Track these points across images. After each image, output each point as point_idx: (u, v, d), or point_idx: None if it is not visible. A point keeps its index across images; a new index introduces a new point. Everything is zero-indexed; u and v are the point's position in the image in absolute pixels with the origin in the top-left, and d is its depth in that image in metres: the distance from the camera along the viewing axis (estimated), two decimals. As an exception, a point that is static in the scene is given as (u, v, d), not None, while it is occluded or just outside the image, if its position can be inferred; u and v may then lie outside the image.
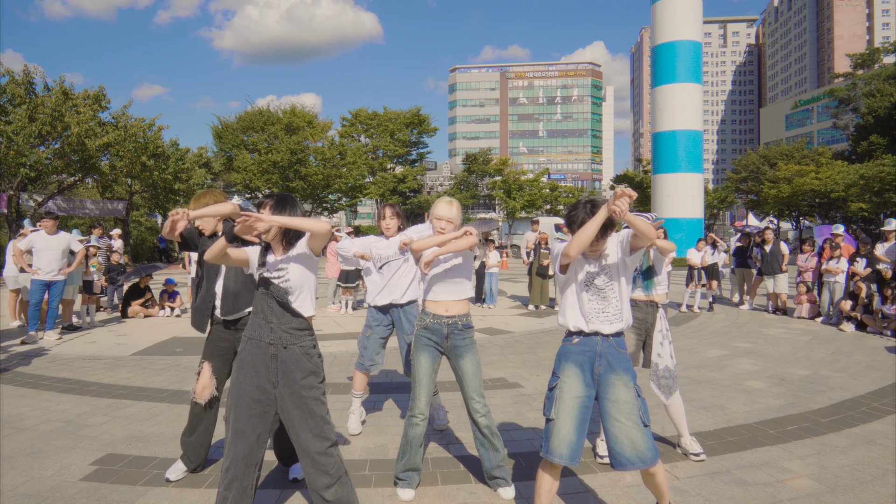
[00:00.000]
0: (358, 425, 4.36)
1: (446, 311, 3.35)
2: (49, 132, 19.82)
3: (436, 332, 3.34)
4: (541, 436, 4.27)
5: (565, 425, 2.64)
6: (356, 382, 4.40)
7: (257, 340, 2.64)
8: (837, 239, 9.94)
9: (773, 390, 5.62)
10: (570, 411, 2.66)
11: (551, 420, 2.69)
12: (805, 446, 4.16)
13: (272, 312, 2.63)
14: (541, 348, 7.68)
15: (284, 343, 2.62)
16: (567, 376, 2.71)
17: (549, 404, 2.74)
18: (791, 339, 8.34)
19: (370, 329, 4.33)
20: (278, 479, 3.54)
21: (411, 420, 3.31)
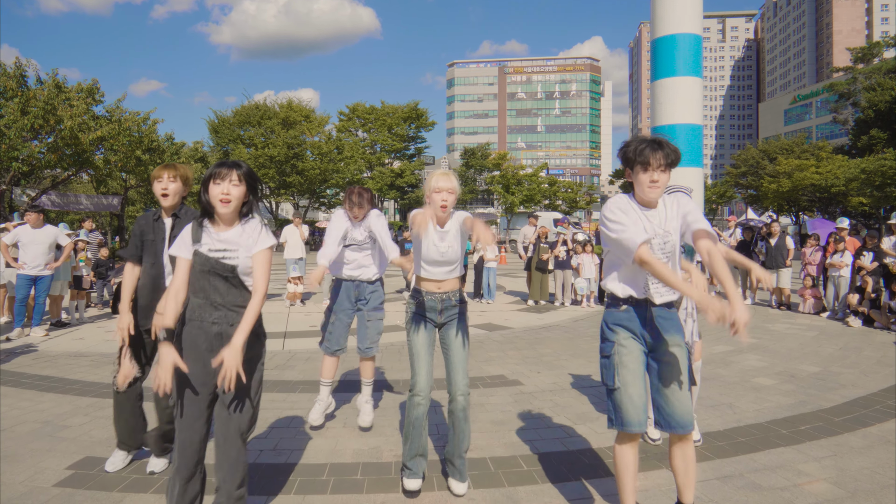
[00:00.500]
0: (320, 416, 4.15)
1: (439, 287, 3.24)
2: (42, 126, 19.50)
3: (430, 309, 3.23)
4: (543, 436, 4.08)
5: (636, 390, 2.49)
6: (325, 368, 4.20)
7: (199, 321, 2.47)
8: (842, 233, 9.73)
9: (782, 387, 5.42)
10: (638, 373, 2.52)
11: (617, 389, 2.51)
12: (820, 447, 3.96)
13: (215, 291, 2.46)
14: (541, 344, 7.48)
15: (231, 321, 2.47)
16: (624, 339, 2.55)
17: (609, 372, 2.56)
18: (797, 334, 8.15)
19: (335, 314, 4.19)
20: (264, 485, 3.33)
21: (412, 400, 3.14)
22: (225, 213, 2.46)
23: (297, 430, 4.20)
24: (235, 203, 2.46)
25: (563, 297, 11.28)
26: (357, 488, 3.30)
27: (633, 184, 2.53)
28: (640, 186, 2.48)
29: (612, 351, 2.56)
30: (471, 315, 9.71)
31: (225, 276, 2.46)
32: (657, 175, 2.43)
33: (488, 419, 4.47)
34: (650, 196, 2.47)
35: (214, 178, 2.43)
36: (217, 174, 2.43)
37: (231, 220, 2.51)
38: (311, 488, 3.29)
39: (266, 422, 4.38)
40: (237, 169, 2.46)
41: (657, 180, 2.43)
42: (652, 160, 2.42)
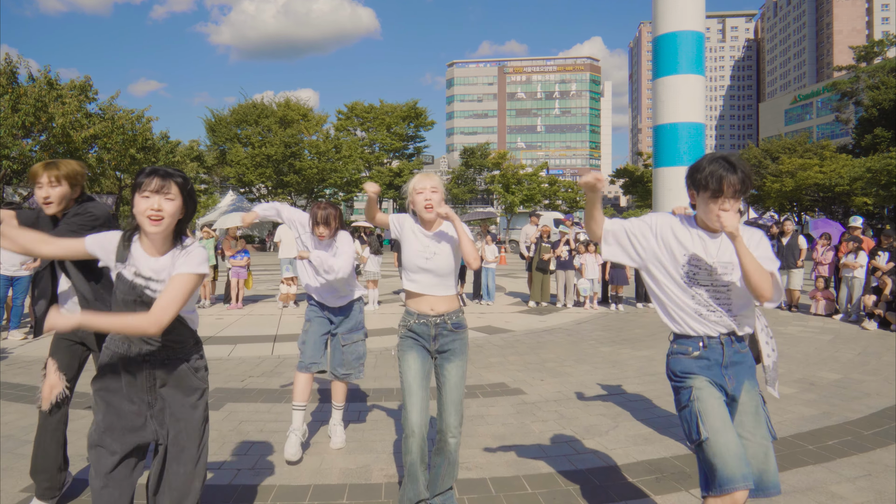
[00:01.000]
0: (297, 450, 3.56)
1: (431, 309, 2.81)
2: (33, 123, 19.16)
3: (422, 334, 2.82)
4: (549, 453, 3.72)
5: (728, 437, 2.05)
6: (297, 390, 3.68)
7: (123, 356, 2.04)
8: (855, 232, 9.38)
9: (803, 396, 5.06)
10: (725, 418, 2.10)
11: (705, 441, 2.07)
12: (852, 465, 3.61)
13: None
14: (543, 349, 7.12)
15: (165, 359, 2.07)
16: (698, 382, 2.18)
17: (693, 422, 2.13)
18: (812, 338, 7.80)
19: (310, 323, 3.77)
20: (238, 512, 2.97)
21: (406, 442, 2.74)
22: (154, 234, 1.99)
23: (280, 446, 3.83)
24: (168, 221, 1.99)
25: (566, 299, 10.92)
26: (341, 515, 2.94)
27: (698, 206, 2.19)
28: (709, 215, 2.13)
29: (691, 397, 2.17)
30: (469, 317, 9.36)
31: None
32: (729, 204, 2.09)
33: (488, 433, 4.11)
34: (716, 226, 2.12)
35: (141, 190, 1.96)
36: (145, 184, 1.96)
37: (163, 242, 2.05)
38: (289, 515, 2.93)
39: (246, 436, 4.02)
40: (172, 179, 2.00)
41: (728, 210, 2.09)
42: (726, 187, 2.07)
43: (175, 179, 2.00)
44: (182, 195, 2.02)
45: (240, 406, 4.70)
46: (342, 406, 3.86)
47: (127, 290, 2.01)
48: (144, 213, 1.94)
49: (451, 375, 2.81)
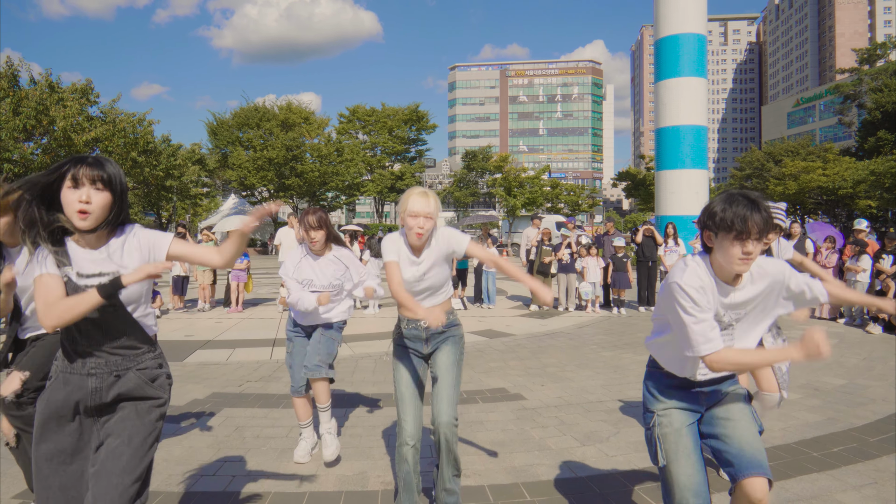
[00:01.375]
0: (306, 455, 3.64)
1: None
2: (35, 126, 19.18)
3: (414, 339, 2.79)
4: (548, 460, 3.65)
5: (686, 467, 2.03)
6: (299, 413, 3.68)
7: (66, 373, 1.85)
8: (860, 235, 9.30)
9: (807, 402, 5.00)
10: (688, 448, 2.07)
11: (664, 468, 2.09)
12: (858, 473, 3.54)
13: (95, 329, 1.85)
14: (544, 353, 7.06)
15: (115, 369, 1.88)
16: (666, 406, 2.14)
17: (652, 448, 2.15)
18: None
19: (292, 343, 3.69)
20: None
21: (400, 451, 2.71)
22: (84, 228, 1.80)
23: (276, 452, 3.79)
24: (98, 214, 1.80)
25: (567, 302, 10.86)
26: (337, 524, 2.89)
27: (716, 251, 1.98)
28: (730, 259, 1.92)
29: (652, 422, 2.14)
30: (470, 321, 9.30)
31: (102, 310, 1.83)
32: (752, 246, 1.89)
33: (487, 439, 4.05)
34: (739, 270, 1.93)
35: (67, 180, 1.77)
36: (71, 175, 1.76)
37: (97, 236, 1.87)
38: (284, 524, 2.88)
39: (243, 441, 3.97)
40: (100, 169, 1.80)
41: (751, 252, 1.89)
42: (752, 228, 1.86)
43: (101, 170, 1.81)
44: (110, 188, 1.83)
45: (237, 411, 4.65)
46: (328, 407, 3.63)
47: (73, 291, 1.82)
48: (73, 206, 1.76)
49: (442, 362, 2.76)
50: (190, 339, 7.79)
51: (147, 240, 1.93)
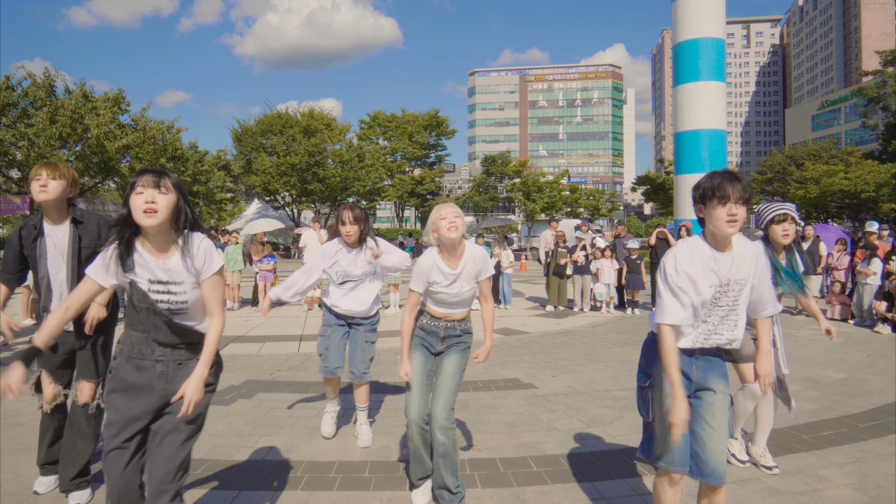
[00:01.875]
0: (332, 428, 4.01)
1: (446, 315, 3.09)
2: (69, 134, 20.00)
3: (431, 333, 3.09)
4: (555, 438, 4.00)
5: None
6: (329, 389, 4.02)
7: (138, 359, 2.16)
8: (871, 237, 9.46)
9: (805, 393, 5.26)
10: None
11: (649, 422, 2.42)
12: (843, 453, 3.82)
13: (157, 329, 2.15)
14: (557, 349, 7.38)
15: (179, 359, 2.20)
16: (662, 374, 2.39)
17: (643, 404, 2.45)
18: (823, 341, 7.93)
19: (329, 328, 3.94)
20: (272, 482, 3.31)
21: (408, 430, 3.04)
22: (151, 227, 2.03)
23: (307, 430, 4.19)
24: (164, 214, 2.04)
25: (583, 303, 11.15)
26: (364, 485, 3.27)
27: (706, 221, 2.33)
28: (718, 222, 2.27)
29: (647, 383, 2.46)
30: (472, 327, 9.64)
31: (168, 318, 2.13)
32: (735, 208, 2.24)
33: (500, 421, 4.41)
34: (728, 231, 2.26)
35: (135, 188, 2.04)
36: (139, 182, 2.04)
37: (164, 239, 2.11)
38: (318, 485, 3.27)
39: (276, 420, 4.38)
40: (163, 176, 2.08)
41: (735, 213, 2.24)
42: (731, 192, 2.24)
43: (168, 178, 2.09)
44: (176, 191, 2.09)
45: (270, 395, 5.07)
46: (366, 406, 4.03)
47: (141, 298, 2.10)
48: (140, 208, 2.00)
49: (447, 367, 3.05)
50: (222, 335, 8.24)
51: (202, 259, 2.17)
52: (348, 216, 3.73)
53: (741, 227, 2.32)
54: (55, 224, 2.99)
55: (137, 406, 2.14)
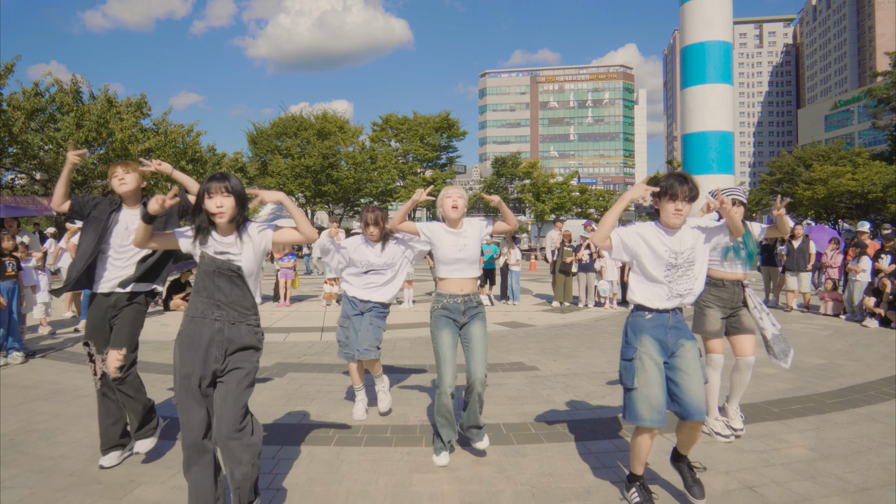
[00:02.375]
0: (363, 413, 4.41)
1: (461, 290, 3.61)
2: (95, 138, 20.84)
3: (454, 310, 3.59)
4: (552, 408, 4.57)
5: (653, 391, 2.87)
6: (353, 376, 4.43)
7: (201, 318, 2.66)
8: (863, 237, 9.91)
9: (783, 376, 5.77)
10: (655, 378, 2.90)
11: (634, 389, 2.90)
12: (807, 423, 4.35)
13: (219, 291, 2.67)
14: (561, 339, 7.93)
15: (232, 319, 2.67)
16: (645, 346, 2.94)
17: (629, 374, 2.95)
18: (811, 332, 8.41)
19: (348, 320, 4.38)
20: (308, 439, 3.90)
21: (441, 398, 3.47)
22: (221, 224, 2.68)
23: (334, 402, 4.79)
24: (229, 213, 2.65)
25: (587, 299, 11.67)
26: (386, 442, 3.85)
27: (660, 212, 2.96)
28: (666, 214, 2.90)
29: (633, 355, 2.97)
30: (496, 314, 10.22)
31: (230, 277, 2.66)
32: (681, 205, 2.86)
33: (504, 395, 4.98)
34: (673, 222, 2.90)
35: (208, 194, 2.64)
36: (209, 190, 2.63)
37: (229, 227, 2.73)
38: (347, 442, 3.86)
39: (308, 396, 4.98)
40: (226, 181, 2.66)
41: (681, 209, 2.87)
42: (679, 192, 2.85)
43: (227, 182, 2.67)
44: (234, 193, 2.67)
45: (299, 374, 5.68)
46: (380, 376, 4.52)
47: (209, 262, 2.67)
48: (212, 210, 2.64)
49: (475, 333, 3.61)
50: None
51: (256, 233, 2.79)
52: (371, 218, 4.28)
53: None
54: (131, 208, 3.63)
55: (199, 359, 2.62)
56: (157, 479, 3.30)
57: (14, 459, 3.57)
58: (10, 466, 3.45)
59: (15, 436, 3.98)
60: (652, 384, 2.87)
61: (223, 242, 2.72)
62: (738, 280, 4.18)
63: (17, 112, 19.09)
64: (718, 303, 4.14)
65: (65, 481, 3.27)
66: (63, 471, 3.41)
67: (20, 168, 22.14)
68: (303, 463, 3.52)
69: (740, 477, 3.37)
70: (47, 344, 7.36)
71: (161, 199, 2.64)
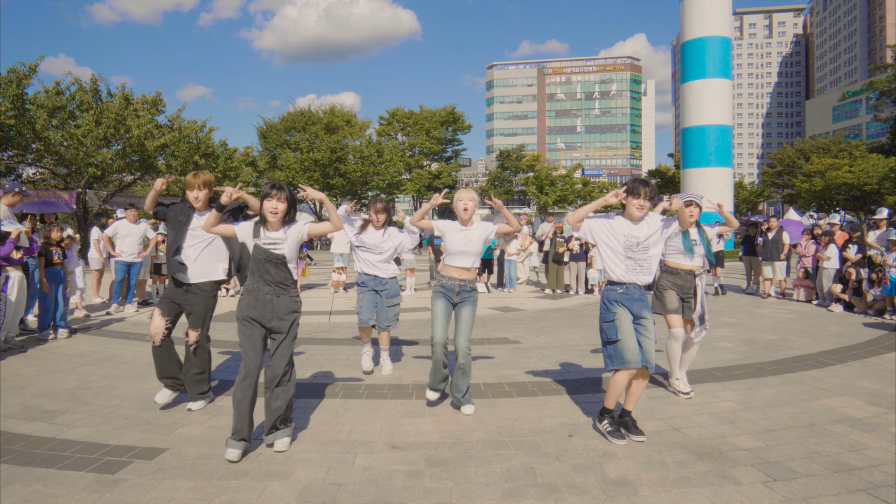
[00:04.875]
0: (370, 364, 5.39)
1: (459, 275, 4.37)
2: (113, 135, 21.73)
3: (449, 289, 4.36)
4: (526, 372, 5.35)
5: (631, 341, 3.70)
6: (363, 335, 5.44)
7: (256, 292, 3.55)
8: (834, 228, 10.62)
9: (737, 349, 6.53)
10: (631, 331, 3.74)
11: (618, 341, 3.72)
12: (741, 384, 5.11)
13: (268, 273, 3.53)
14: (546, 321, 8.72)
15: (278, 293, 3.55)
16: (619, 310, 3.79)
17: (612, 330, 3.77)
18: (778, 316, 9.15)
19: (363, 295, 5.33)
20: (317, 392, 4.72)
21: (433, 348, 4.28)
22: (273, 222, 3.53)
23: (341, 366, 5.61)
24: (281, 215, 3.52)
25: (577, 287, 12.44)
26: (384, 396, 4.67)
27: (626, 206, 3.83)
28: (631, 208, 3.79)
29: (612, 318, 3.81)
30: (491, 300, 11.02)
31: (276, 263, 3.50)
32: (642, 202, 3.77)
33: (487, 363, 5.79)
34: (636, 215, 3.80)
35: (267, 197, 3.52)
36: (269, 194, 3.52)
37: (277, 225, 3.57)
38: (351, 395, 4.68)
39: (318, 363, 5.81)
40: (282, 191, 3.52)
41: (643, 206, 3.77)
42: (641, 192, 3.76)
43: (283, 192, 3.52)
44: (287, 200, 3.55)
45: (310, 346, 6.52)
46: (387, 347, 5.50)
47: (260, 252, 3.53)
48: (268, 210, 3.50)
49: (465, 314, 4.38)
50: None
51: (296, 228, 3.70)
52: (378, 207, 5.30)
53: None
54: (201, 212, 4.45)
55: (256, 324, 3.53)
56: (197, 421, 4.12)
57: (78, 408, 4.40)
58: (75, 413, 4.28)
59: (75, 391, 4.82)
60: (630, 336, 3.73)
61: (270, 237, 3.56)
62: (691, 270, 4.94)
63: (39, 110, 20.01)
64: (674, 287, 4.92)
65: (122, 423, 4.09)
66: (119, 416, 4.23)
67: (42, 164, 23.10)
68: (314, 410, 4.34)
69: (671, 422, 4.15)
70: (85, 324, 8.23)
71: (230, 192, 3.68)
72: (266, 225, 3.58)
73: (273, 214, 3.52)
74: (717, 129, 28.30)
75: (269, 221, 3.55)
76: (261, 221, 3.60)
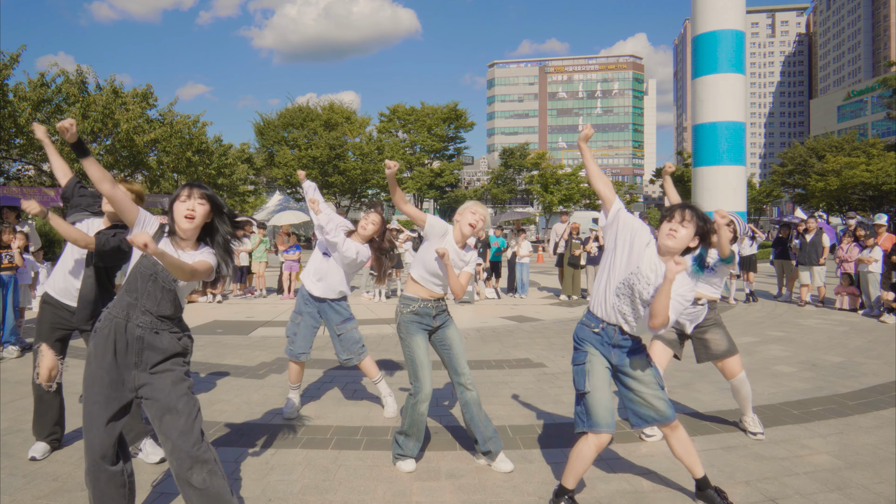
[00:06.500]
0: (294, 411, 4.20)
1: (431, 295, 3.40)
2: (101, 129, 20.73)
3: (425, 315, 3.39)
4: (559, 410, 4.37)
5: (604, 396, 2.73)
6: (291, 374, 4.24)
7: (123, 320, 2.38)
8: (879, 229, 9.64)
9: (801, 374, 5.55)
10: (605, 382, 2.77)
11: (587, 393, 2.75)
12: (828, 426, 4.13)
13: (149, 297, 2.38)
14: (568, 333, 7.72)
15: (156, 329, 2.40)
16: (595, 352, 2.82)
17: (582, 378, 2.79)
18: (828, 328, 8.17)
19: (300, 315, 4.22)
20: (307, 442, 3.73)
21: (419, 407, 3.29)
22: (188, 230, 2.43)
23: (334, 400, 4.62)
24: (198, 221, 2.43)
25: (596, 292, 11.44)
26: (386, 447, 3.67)
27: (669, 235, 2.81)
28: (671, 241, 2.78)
29: (584, 360, 2.82)
30: (503, 308, 10.04)
31: (163, 287, 2.39)
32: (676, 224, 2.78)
33: (510, 394, 4.79)
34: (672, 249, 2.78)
35: (179, 197, 2.44)
36: (181, 194, 2.44)
37: (191, 241, 2.49)
38: (345, 445, 3.69)
39: (306, 392, 4.81)
40: (201, 189, 2.46)
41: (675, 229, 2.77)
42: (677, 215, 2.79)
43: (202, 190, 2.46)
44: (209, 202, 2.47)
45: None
46: (379, 379, 4.31)
47: (149, 266, 2.37)
48: (181, 213, 2.40)
49: (453, 336, 3.45)
50: (251, 320, 8.78)
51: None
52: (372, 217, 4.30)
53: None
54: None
55: (116, 370, 2.36)
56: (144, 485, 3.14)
57: (-4, 462, 3.42)
58: (-9, 470, 3.30)
59: (2, 436, 3.84)
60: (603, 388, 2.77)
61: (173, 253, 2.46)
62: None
63: (23, 103, 19.00)
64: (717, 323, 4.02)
65: (48, 487, 3.11)
66: (47, 475, 3.25)
67: (27, 159, 22.09)
68: (298, 468, 3.35)
69: (762, 487, 3.17)
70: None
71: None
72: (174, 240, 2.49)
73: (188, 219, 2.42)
74: (730, 125, 27.30)
75: (182, 230, 2.45)
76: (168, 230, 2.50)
